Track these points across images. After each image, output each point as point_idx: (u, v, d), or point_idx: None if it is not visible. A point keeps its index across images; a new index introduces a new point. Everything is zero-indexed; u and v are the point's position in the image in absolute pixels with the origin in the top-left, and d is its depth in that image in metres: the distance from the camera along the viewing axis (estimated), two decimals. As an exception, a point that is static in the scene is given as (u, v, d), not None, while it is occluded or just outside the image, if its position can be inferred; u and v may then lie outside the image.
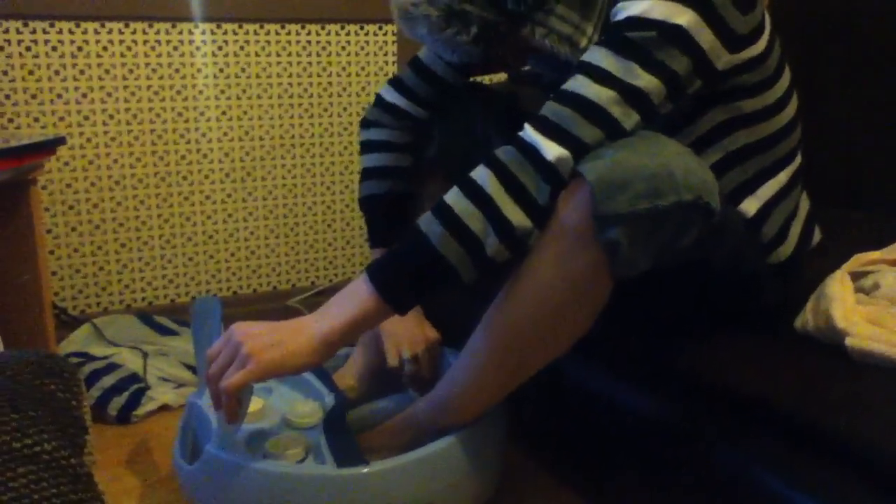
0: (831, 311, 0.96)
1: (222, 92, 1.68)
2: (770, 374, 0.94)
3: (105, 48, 1.56)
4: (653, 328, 1.05)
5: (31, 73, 1.51)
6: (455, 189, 0.87)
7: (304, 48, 1.73)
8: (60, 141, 1.36)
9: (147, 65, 1.60)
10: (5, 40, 1.49)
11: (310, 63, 1.74)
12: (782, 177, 1.02)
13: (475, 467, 1.04)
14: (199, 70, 1.64)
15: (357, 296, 0.89)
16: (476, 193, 0.86)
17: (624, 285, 0.90)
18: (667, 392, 1.03)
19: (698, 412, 0.98)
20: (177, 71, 1.63)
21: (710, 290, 1.00)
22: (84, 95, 1.56)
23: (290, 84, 1.74)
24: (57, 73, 1.53)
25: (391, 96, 1.23)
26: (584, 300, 0.90)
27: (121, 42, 1.57)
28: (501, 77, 1.46)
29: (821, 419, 0.84)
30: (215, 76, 1.66)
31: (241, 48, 1.67)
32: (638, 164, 0.82)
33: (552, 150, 0.84)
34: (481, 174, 0.87)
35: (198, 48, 1.63)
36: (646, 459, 1.05)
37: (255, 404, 1.09)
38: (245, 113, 1.71)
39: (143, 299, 1.70)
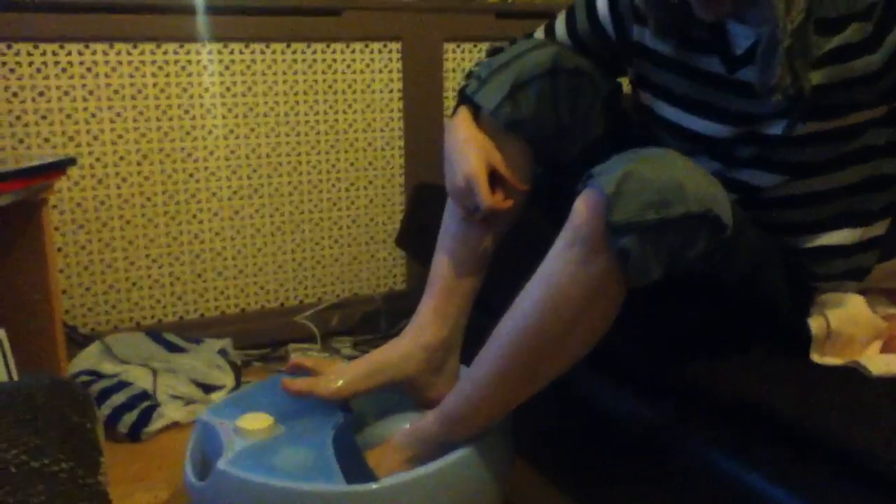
0: (853, 355, 1.01)
1: (229, 111, 1.69)
2: (772, 382, 0.95)
3: (114, 69, 1.58)
4: (657, 340, 1.06)
5: (41, 94, 1.53)
6: None
7: (310, 67, 1.75)
8: (70, 161, 1.38)
9: (155, 85, 1.62)
10: (16, 62, 1.51)
11: (315, 81, 1.76)
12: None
13: (484, 482, 1.05)
14: (206, 89, 1.66)
15: None
16: None
17: (636, 299, 0.91)
18: (672, 404, 1.03)
19: (702, 423, 0.98)
20: (184, 90, 1.64)
21: (719, 309, 1.01)
22: (93, 115, 1.58)
23: (297, 102, 1.75)
24: (66, 93, 1.55)
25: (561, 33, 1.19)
26: (596, 308, 0.92)
27: (129, 63, 1.59)
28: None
29: (822, 427, 0.85)
30: (222, 95, 1.68)
31: (248, 67, 1.69)
32: (650, 176, 0.86)
33: None
34: None
35: (205, 68, 1.65)
36: (652, 471, 1.05)
37: (263, 421, 1.10)
38: (252, 131, 1.72)
39: (153, 317, 1.71)
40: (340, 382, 1.11)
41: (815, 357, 1.02)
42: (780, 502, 0.84)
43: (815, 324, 1.03)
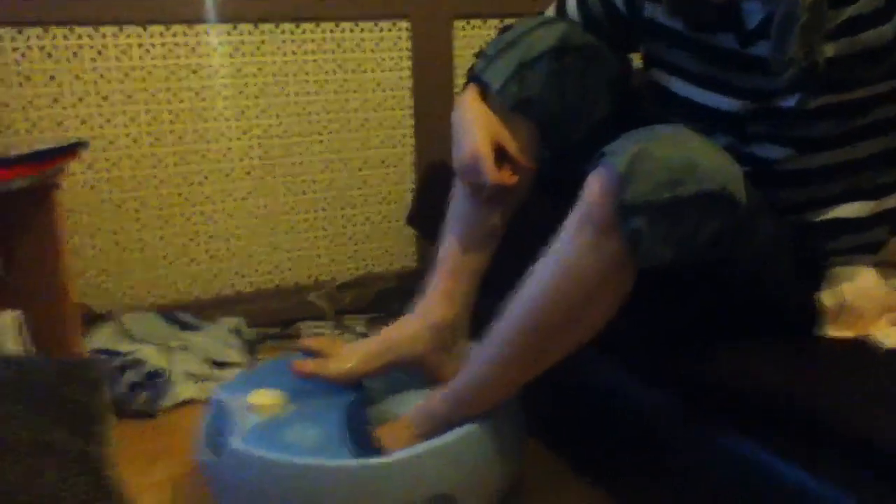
0: (865, 328, 1.01)
1: (240, 91, 1.70)
2: (785, 369, 0.95)
3: (124, 52, 1.59)
4: (663, 328, 1.06)
5: (52, 78, 1.54)
6: None
7: (319, 46, 1.74)
8: (83, 145, 1.39)
9: (165, 67, 1.62)
10: (26, 47, 1.52)
11: (325, 61, 1.76)
12: None
13: (495, 457, 1.06)
14: (216, 70, 1.67)
15: None
16: None
17: (653, 281, 0.90)
18: (679, 388, 1.03)
19: (712, 405, 0.98)
20: (194, 72, 1.65)
21: (724, 304, 1.01)
22: (104, 99, 1.59)
23: (307, 82, 1.75)
24: (77, 77, 1.56)
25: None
26: (607, 290, 0.92)
27: (139, 45, 1.59)
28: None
29: (835, 412, 0.85)
30: (232, 76, 1.68)
31: (258, 48, 1.69)
32: (663, 154, 0.85)
33: None
34: None
35: (214, 49, 1.65)
36: (662, 453, 1.06)
37: (276, 397, 1.11)
38: (263, 111, 1.73)
39: (165, 296, 1.73)
40: (350, 364, 1.12)
41: (828, 330, 1.02)
42: (790, 481, 0.85)
43: (828, 297, 1.02)
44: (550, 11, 1.22)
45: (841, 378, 0.91)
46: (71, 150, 1.36)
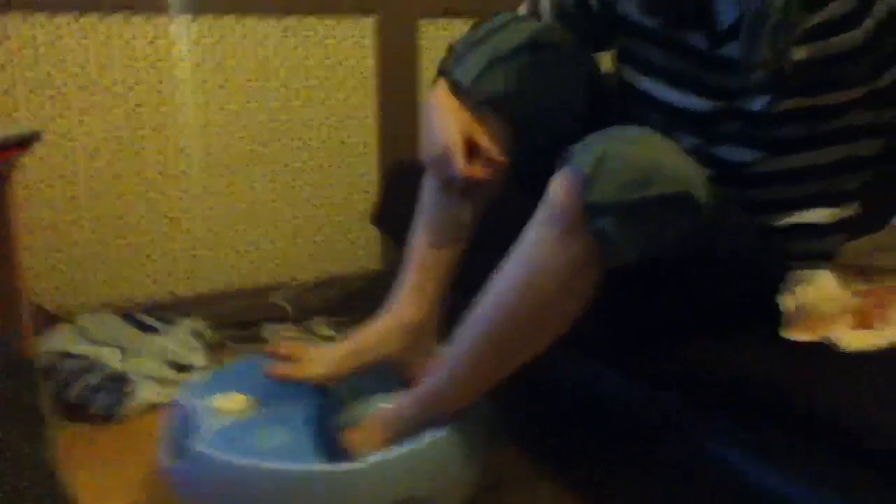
0: (824, 331, 1.02)
1: (199, 85, 1.66)
2: (766, 365, 0.96)
3: (81, 41, 1.54)
4: (649, 322, 1.06)
5: (6, 66, 1.49)
6: None
7: (282, 41, 1.72)
8: (35, 136, 1.34)
9: (122, 57, 1.58)
10: (-23, 34, 1.46)
11: (288, 57, 1.73)
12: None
13: (466, 459, 1.05)
14: (176, 63, 1.63)
15: None
16: None
17: (621, 279, 0.91)
18: (660, 384, 1.03)
19: (691, 403, 0.99)
20: (154, 65, 1.61)
21: (708, 289, 1.02)
22: (59, 89, 1.54)
23: (268, 77, 1.72)
24: (31, 66, 1.51)
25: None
26: (573, 289, 0.92)
27: (96, 35, 1.55)
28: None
29: (818, 410, 0.86)
30: (192, 70, 1.65)
31: (219, 41, 1.66)
32: (628, 155, 0.85)
33: None
34: None
35: (175, 41, 1.62)
36: (638, 451, 1.06)
37: (240, 401, 1.09)
38: (223, 108, 1.69)
39: (122, 296, 1.68)
40: (322, 368, 1.11)
41: (786, 333, 1.03)
42: (767, 480, 0.85)
43: (785, 300, 1.04)
44: (523, 9, 1.22)
45: (830, 376, 0.92)
46: (22, 142, 1.31)
